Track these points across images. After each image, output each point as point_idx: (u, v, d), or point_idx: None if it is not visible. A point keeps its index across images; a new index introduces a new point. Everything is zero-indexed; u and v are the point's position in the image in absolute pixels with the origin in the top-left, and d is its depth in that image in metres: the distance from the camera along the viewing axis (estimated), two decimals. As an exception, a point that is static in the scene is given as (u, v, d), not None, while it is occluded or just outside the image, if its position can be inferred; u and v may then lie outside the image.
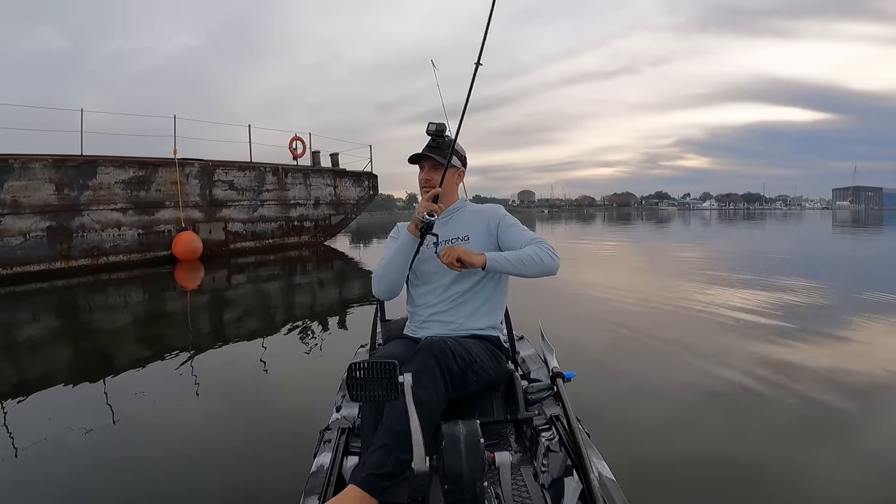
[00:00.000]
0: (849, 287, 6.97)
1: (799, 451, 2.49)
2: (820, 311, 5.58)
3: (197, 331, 5.93)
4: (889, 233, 23.01)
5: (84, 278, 10.04)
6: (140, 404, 3.35)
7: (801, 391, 3.22)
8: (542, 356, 2.17)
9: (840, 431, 2.72)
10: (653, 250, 15.50)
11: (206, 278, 10.41)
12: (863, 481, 2.22)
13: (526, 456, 1.68)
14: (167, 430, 2.89)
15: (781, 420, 2.85)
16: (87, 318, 6.80)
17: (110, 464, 2.53)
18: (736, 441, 2.60)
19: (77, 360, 4.75)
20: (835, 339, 4.43)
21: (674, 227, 32.96)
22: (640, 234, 23.95)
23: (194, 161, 12.77)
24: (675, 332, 4.71)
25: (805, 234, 23.39)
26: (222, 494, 2.21)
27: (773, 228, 28.37)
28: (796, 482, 2.22)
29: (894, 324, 4.98)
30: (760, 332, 4.63)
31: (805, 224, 34.45)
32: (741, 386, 3.32)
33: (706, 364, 3.75)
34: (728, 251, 14.01)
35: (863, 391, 3.22)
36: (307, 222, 15.81)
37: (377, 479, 1.32)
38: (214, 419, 3.06)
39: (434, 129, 1.85)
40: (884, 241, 18.26)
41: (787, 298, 6.24)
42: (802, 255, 12.99)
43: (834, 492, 2.16)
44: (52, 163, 10.34)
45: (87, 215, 10.82)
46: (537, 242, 1.75)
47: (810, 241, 19.00)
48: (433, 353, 1.51)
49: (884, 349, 4.12)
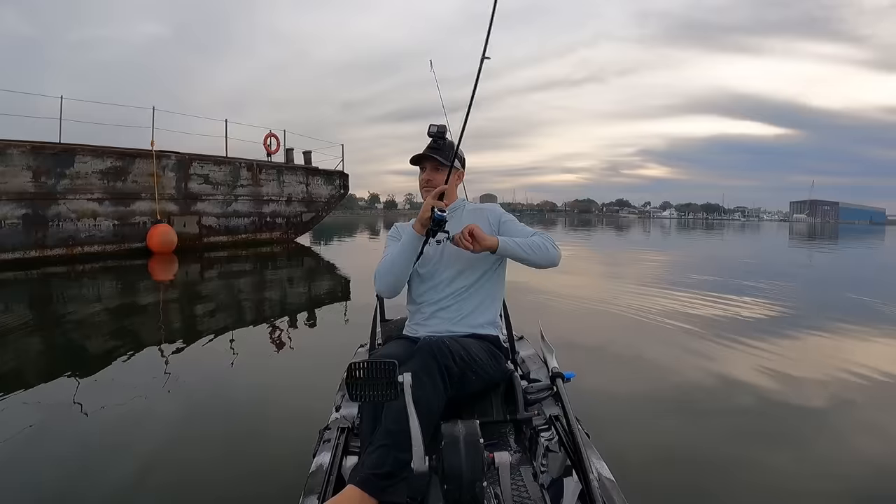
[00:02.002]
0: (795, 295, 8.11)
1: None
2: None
3: (193, 328, 5.75)
4: (842, 246, 24.06)
5: (59, 268, 10.18)
6: (131, 400, 3.33)
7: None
8: (541, 356, 2.23)
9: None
10: (614, 256, 16.61)
11: (183, 272, 10.53)
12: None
13: (525, 456, 1.71)
14: (167, 431, 2.89)
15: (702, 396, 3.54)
16: (68, 309, 6.71)
17: (102, 459, 2.55)
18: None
19: (52, 354, 4.73)
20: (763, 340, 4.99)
21: (634, 234, 34.42)
22: (600, 241, 24.93)
23: (171, 154, 13.12)
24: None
25: (759, 245, 24.37)
26: (222, 494, 2.25)
27: (732, 238, 29.97)
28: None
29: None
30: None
31: (761, 236, 35.92)
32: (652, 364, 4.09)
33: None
34: (687, 259, 15.31)
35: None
36: (279, 219, 16.33)
37: (376, 479, 1.36)
38: (213, 419, 3.08)
39: (435, 131, 1.95)
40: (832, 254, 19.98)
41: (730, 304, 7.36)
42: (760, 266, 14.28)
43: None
44: (30, 150, 10.57)
45: (63, 204, 11.08)
46: (540, 234, 1.91)
47: (764, 251, 20.51)
48: (432, 352, 1.56)
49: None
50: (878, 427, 3.00)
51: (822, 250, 20.91)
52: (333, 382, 2.25)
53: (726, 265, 12.95)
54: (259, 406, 3.25)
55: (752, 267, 12.50)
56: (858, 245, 25.44)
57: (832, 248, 22.69)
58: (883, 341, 5.05)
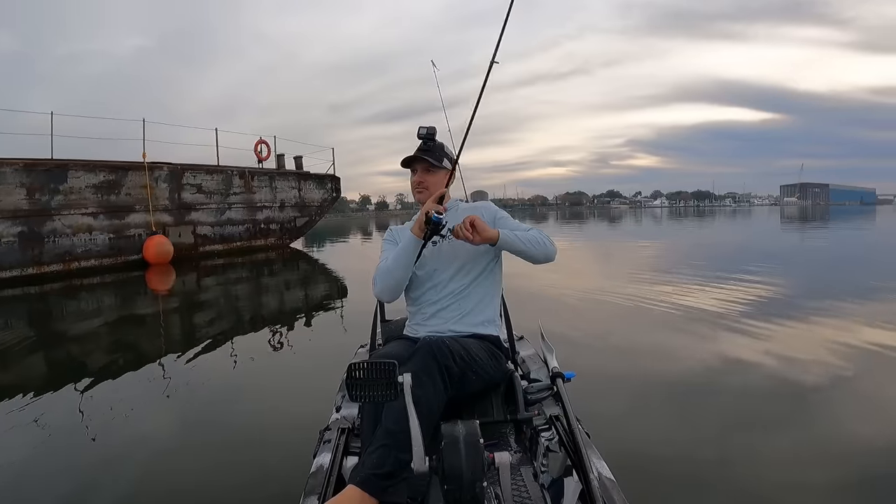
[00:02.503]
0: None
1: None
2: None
3: (194, 335, 5.84)
4: (834, 227, 24.23)
5: (57, 284, 10.14)
6: (134, 403, 3.44)
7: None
8: (541, 356, 2.24)
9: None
10: (609, 249, 16.90)
11: (180, 282, 10.58)
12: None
13: (526, 456, 1.72)
14: (168, 434, 2.95)
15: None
16: (68, 324, 6.84)
17: (108, 463, 2.60)
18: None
19: (54, 366, 4.81)
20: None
21: (627, 224, 34.79)
22: (593, 233, 25.23)
23: (163, 165, 13.24)
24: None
25: (751, 231, 24.71)
26: (222, 494, 2.27)
27: (723, 225, 30.16)
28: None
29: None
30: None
31: (753, 220, 36.01)
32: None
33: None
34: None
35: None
36: (273, 224, 16.50)
37: (377, 480, 1.37)
38: (214, 421, 3.13)
39: (425, 133, 1.97)
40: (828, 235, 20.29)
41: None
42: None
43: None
44: (22, 167, 10.66)
45: (58, 220, 11.17)
46: (536, 230, 1.93)
47: (756, 237, 20.94)
48: (432, 352, 1.57)
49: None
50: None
51: (815, 235, 21.08)
52: (334, 383, 2.27)
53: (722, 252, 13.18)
54: (259, 407, 3.29)
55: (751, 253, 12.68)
56: (852, 227, 24.60)
57: (826, 231, 22.67)
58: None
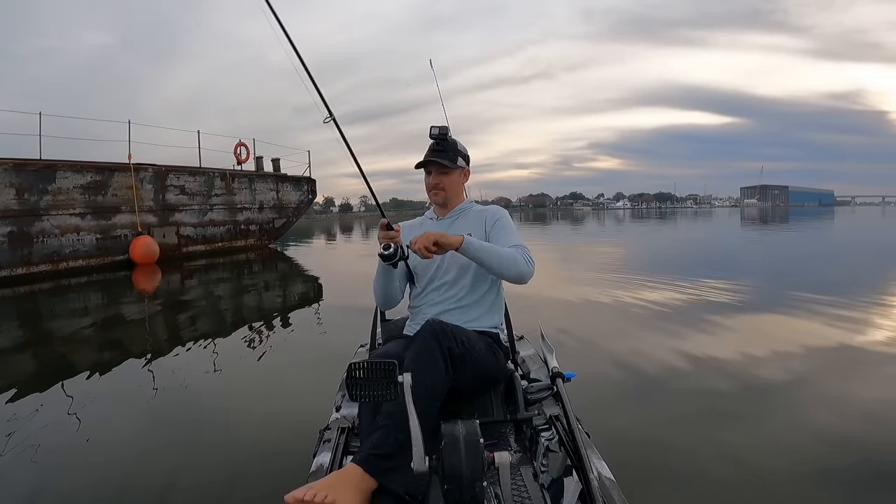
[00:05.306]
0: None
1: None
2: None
3: (188, 335, 5.86)
4: (794, 228, 25.43)
5: (46, 284, 10.38)
6: (137, 403, 3.53)
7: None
8: (541, 356, 2.28)
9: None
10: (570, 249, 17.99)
11: (166, 281, 10.85)
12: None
13: (525, 456, 1.74)
14: (166, 434, 2.98)
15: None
16: (59, 323, 6.90)
17: (101, 462, 2.65)
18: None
19: (44, 366, 4.86)
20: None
21: (590, 225, 35.93)
22: (557, 233, 26.05)
23: (148, 166, 13.70)
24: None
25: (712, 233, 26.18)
26: (222, 494, 2.31)
27: (687, 226, 31.64)
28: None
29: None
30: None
31: (714, 222, 37.03)
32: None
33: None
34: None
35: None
36: (253, 226, 17.14)
37: (376, 460, 1.41)
38: (213, 420, 3.19)
39: (437, 133, 1.98)
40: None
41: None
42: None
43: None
44: (12, 167, 10.99)
45: (46, 220, 11.51)
46: (520, 247, 1.88)
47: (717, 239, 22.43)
48: (434, 333, 1.61)
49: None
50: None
51: (773, 235, 22.59)
52: (333, 383, 2.32)
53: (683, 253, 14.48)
54: (259, 406, 3.36)
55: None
56: (807, 228, 25.81)
57: (783, 231, 24.35)
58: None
